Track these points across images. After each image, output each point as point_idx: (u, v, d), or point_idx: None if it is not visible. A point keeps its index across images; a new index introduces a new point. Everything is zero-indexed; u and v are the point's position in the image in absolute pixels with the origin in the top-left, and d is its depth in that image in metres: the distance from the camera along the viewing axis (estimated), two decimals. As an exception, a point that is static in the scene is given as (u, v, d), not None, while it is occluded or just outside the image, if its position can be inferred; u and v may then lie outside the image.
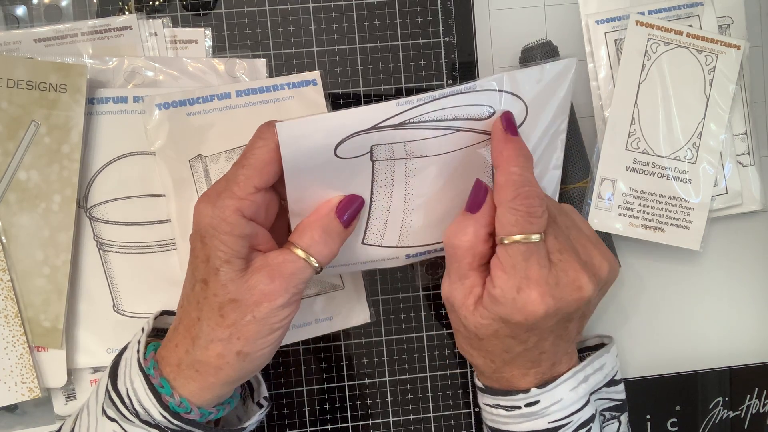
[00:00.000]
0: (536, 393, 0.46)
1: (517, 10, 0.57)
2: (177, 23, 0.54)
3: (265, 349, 0.43)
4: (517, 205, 0.42)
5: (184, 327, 0.44)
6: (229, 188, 0.42)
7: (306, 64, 0.55)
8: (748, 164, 0.57)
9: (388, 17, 0.56)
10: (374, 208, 0.47)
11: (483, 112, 0.45)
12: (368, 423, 0.58)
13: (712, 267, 0.59)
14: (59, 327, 0.51)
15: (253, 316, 0.42)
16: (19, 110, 0.50)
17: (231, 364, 0.43)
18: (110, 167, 0.52)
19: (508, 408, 0.47)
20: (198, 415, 0.44)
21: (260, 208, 0.43)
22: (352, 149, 0.43)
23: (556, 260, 0.44)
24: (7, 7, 0.53)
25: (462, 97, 0.44)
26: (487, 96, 0.45)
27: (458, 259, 0.45)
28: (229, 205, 0.42)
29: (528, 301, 0.42)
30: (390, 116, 0.43)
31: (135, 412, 0.43)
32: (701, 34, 0.54)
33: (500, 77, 0.44)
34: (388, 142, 0.44)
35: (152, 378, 0.44)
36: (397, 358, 0.58)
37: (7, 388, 0.51)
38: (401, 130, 0.43)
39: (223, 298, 0.42)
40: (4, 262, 0.50)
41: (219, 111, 0.52)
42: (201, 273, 0.43)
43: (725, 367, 0.60)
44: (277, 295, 0.42)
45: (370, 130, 0.43)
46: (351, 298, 0.55)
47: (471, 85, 0.44)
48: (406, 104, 0.43)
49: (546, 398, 0.46)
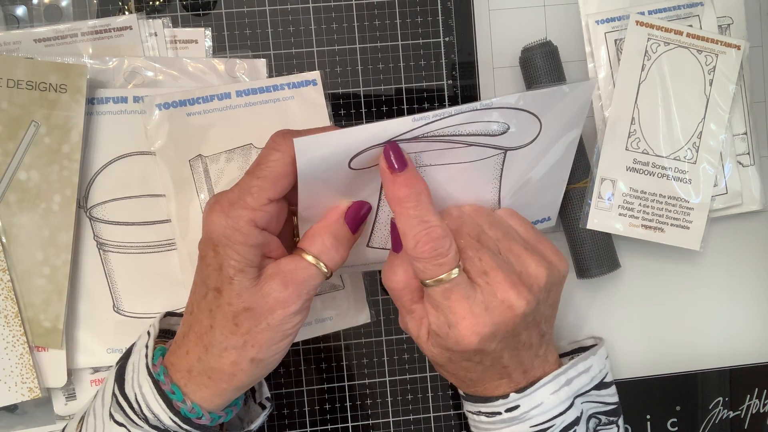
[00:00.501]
0: (515, 398, 0.46)
1: (517, 10, 0.57)
2: (177, 23, 0.54)
3: (277, 354, 0.44)
4: (419, 253, 0.42)
5: (195, 335, 0.44)
6: (243, 199, 0.42)
7: (306, 64, 0.55)
8: (748, 164, 0.57)
9: (388, 17, 0.56)
10: (381, 214, 0.47)
11: (497, 128, 0.45)
12: (368, 423, 0.58)
13: (712, 267, 0.59)
14: (59, 327, 0.51)
15: (268, 324, 0.42)
16: (19, 110, 0.50)
17: (245, 371, 0.43)
18: (110, 167, 0.52)
19: (488, 414, 0.47)
20: (209, 419, 0.44)
21: (273, 218, 0.43)
22: (365, 161, 0.43)
23: (482, 283, 0.43)
24: (7, 7, 0.53)
25: (477, 114, 0.44)
26: (503, 113, 0.45)
27: (398, 298, 0.46)
28: (243, 216, 0.42)
29: (460, 336, 0.42)
30: (405, 131, 0.43)
31: (144, 417, 0.43)
32: (701, 34, 0.54)
33: (518, 96, 0.44)
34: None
35: (163, 384, 0.44)
36: (397, 358, 0.58)
37: (7, 388, 0.51)
38: (414, 143, 0.43)
39: (238, 307, 0.42)
40: (4, 262, 0.50)
41: (219, 111, 0.52)
42: (213, 282, 0.43)
43: (725, 367, 0.60)
44: (290, 302, 0.43)
45: (385, 144, 0.43)
46: (351, 298, 0.55)
47: (487, 102, 0.43)
48: (421, 120, 0.42)
49: (525, 402, 0.46)
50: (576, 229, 0.55)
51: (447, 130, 0.44)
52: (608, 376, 0.51)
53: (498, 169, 0.47)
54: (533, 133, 0.46)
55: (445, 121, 0.43)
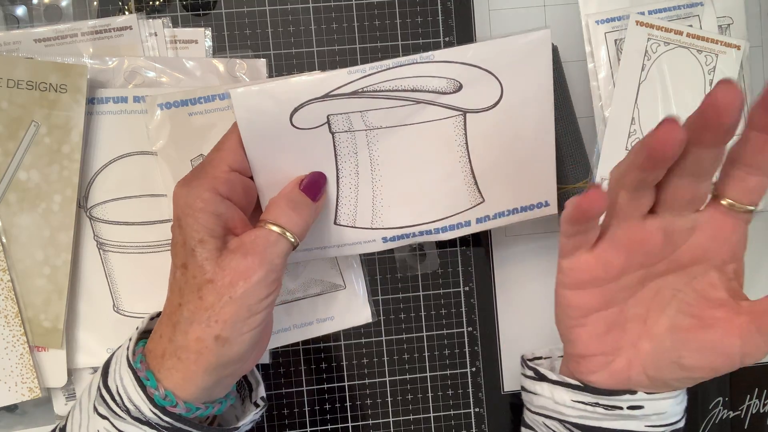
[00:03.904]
0: (642, 398, 0.45)
1: (517, 10, 0.57)
2: (177, 23, 0.54)
3: (244, 334, 0.42)
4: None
5: (166, 316, 0.44)
6: (204, 169, 0.43)
7: (306, 64, 0.55)
8: (748, 164, 0.57)
9: (388, 17, 0.56)
10: (342, 185, 0.46)
11: (448, 86, 0.44)
12: (368, 423, 0.58)
13: (712, 267, 0.59)
14: (59, 327, 0.51)
15: (230, 297, 0.41)
16: (19, 110, 0.50)
17: (210, 349, 0.42)
18: (110, 167, 0.52)
19: (608, 407, 0.46)
20: (184, 409, 0.43)
21: (235, 188, 0.43)
22: (308, 119, 0.43)
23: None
24: (7, 7, 0.53)
25: (420, 68, 0.43)
26: (452, 69, 0.44)
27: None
28: (203, 184, 0.42)
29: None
30: (342, 84, 0.42)
31: (126, 409, 0.43)
32: (701, 34, 0.54)
33: (464, 48, 0.43)
34: (344, 111, 0.44)
35: (138, 371, 0.43)
36: (397, 358, 0.58)
37: (7, 388, 0.51)
38: (356, 99, 0.43)
39: (201, 279, 0.42)
40: (5, 262, 0.50)
41: (220, 111, 0.52)
42: (180, 258, 0.43)
43: (725, 367, 0.60)
44: (251, 272, 0.41)
45: (323, 98, 0.43)
46: (352, 297, 0.55)
47: (428, 55, 0.43)
48: (357, 72, 0.42)
49: (650, 406, 0.45)
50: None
51: (388, 84, 0.43)
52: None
53: (461, 134, 0.46)
54: (494, 96, 0.45)
55: (384, 74, 0.43)
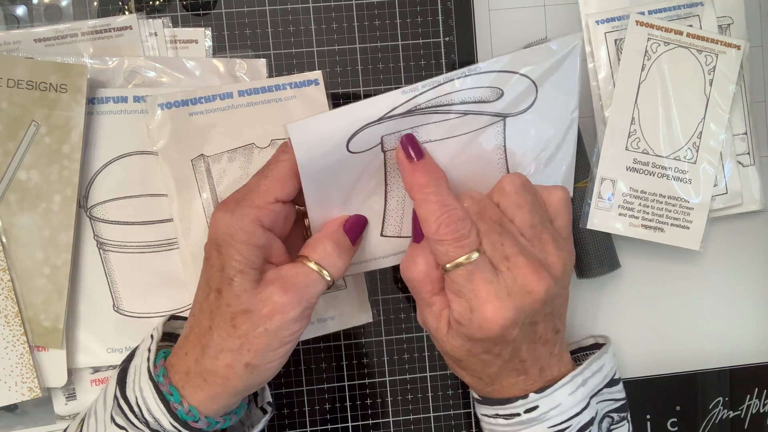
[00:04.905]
0: (535, 398, 0.46)
1: (517, 10, 0.57)
2: (177, 23, 0.54)
3: (273, 362, 0.44)
4: (441, 235, 0.42)
5: (195, 335, 0.44)
6: (249, 197, 0.43)
7: (306, 64, 0.55)
8: (748, 164, 0.57)
9: (388, 17, 0.56)
10: (389, 199, 0.47)
11: (491, 94, 0.45)
12: (368, 423, 0.58)
13: (712, 267, 0.59)
14: (59, 327, 0.51)
15: (265, 329, 0.42)
16: (19, 110, 0.50)
17: (239, 376, 0.43)
18: (110, 167, 0.52)
19: (507, 417, 0.47)
20: (205, 424, 0.44)
21: (278, 219, 0.43)
22: (363, 143, 0.43)
23: (504, 269, 0.43)
24: (7, 7, 0.53)
25: (467, 80, 0.44)
26: (494, 77, 0.45)
27: (418, 290, 0.46)
28: (248, 214, 0.42)
29: (484, 320, 0.42)
30: (397, 105, 0.43)
31: (145, 421, 0.43)
32: (701, 34, 0.55)
33: (505, 57, 0.44)
34: (398, 130, 0.45)
35: (161, 385, 0.44)
36: (397, 358, 0.58)
37: (7, 388, 0.51)
38: (409, 117, 0.44)
39: (236, 309, 0.42)
40: (5, 262, 0.50)
41: (221, 111, 0.52)
42: (215, 282, 0.43)
43: (725, 367, 0.60)
44: (290, 308, 0.42)
45: (379, 121, 0.43)
46: (353, 297, 0.55)
47: (474, 67, 0.44)
48: (411, 92, 0.43)
49: (545, 403, 0.46)
50: (576, 229, 0.55)
51: (439, 100, 0.44)
52: (616, 373, 0.51)
53: (500, 138, 0.47)
54: (530, 98, 0.46)
55: (436, 90, 0.43)
